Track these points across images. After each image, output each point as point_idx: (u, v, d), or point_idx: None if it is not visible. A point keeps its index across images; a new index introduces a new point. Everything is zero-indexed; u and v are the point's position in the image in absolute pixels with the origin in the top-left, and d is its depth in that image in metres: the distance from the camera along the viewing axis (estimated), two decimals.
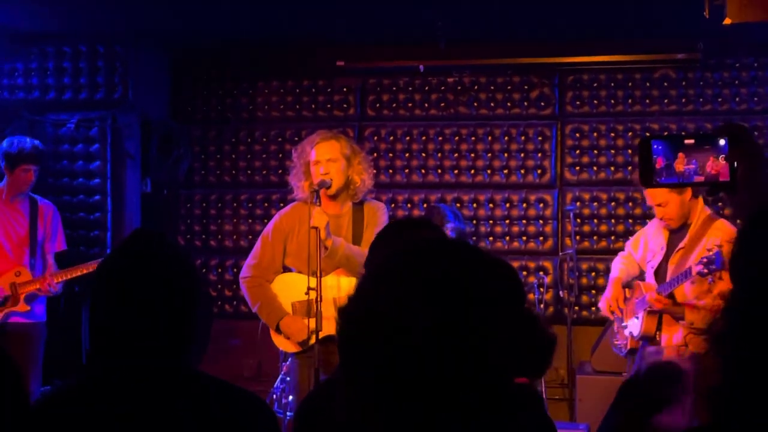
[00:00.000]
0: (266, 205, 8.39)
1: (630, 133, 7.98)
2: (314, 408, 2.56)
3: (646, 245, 5.54)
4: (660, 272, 5.28)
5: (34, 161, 6.61)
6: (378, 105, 8.33)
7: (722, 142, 2.31)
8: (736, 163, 2.30)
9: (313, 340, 5.04)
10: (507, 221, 8.13)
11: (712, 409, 1.71)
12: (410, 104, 8.28)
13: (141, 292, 2.22)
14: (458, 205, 8.10)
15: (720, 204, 7.40)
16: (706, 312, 4.97)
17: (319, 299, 4.94)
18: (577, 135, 8.06)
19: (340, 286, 5.18)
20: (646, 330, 5.26)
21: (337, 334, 1.51)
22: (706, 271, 4.82)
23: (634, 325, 5.38)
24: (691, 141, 2.32)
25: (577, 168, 8.06)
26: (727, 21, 4.62)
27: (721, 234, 5.07)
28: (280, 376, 6.73)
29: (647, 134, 7.67)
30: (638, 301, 5.36)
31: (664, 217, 5.24)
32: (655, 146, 2.34)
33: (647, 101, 7.98)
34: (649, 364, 3.37)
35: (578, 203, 8.00)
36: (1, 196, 6.64)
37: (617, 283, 5.53)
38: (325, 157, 5.21)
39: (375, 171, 5.57)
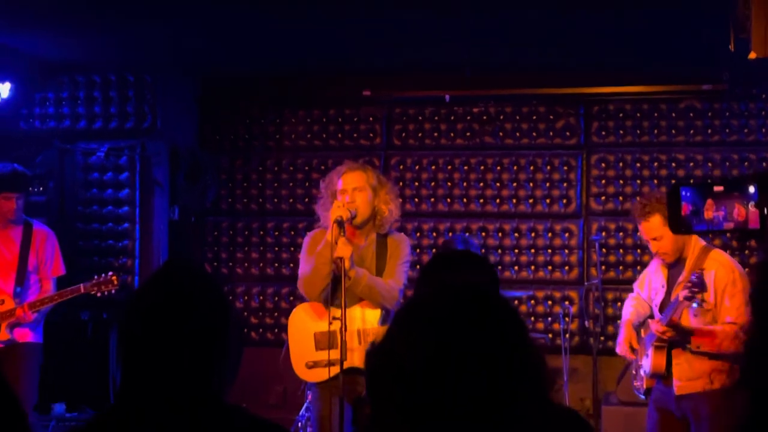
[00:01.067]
0: (292, 233, 8.43)
1: (656, 164, 7.96)
2: None
3: (649, 284, 5.51)
4: (664, 308, 5.24)
5: (13, 188, 6.35)
6: (404, 134, 8.36)
7: (752, 189, 2.29)
8: (766, 210, 2.28)
9: (337, 370, 5.05)
10: (532, 250, 8.11)
11: None
12: (436, 133, 8.30)
13: (172, 323, 2.20)
14: (483, 234, 8.10)
15: (747, 252, 7.40)
16: (714, 336, 4.94)
17: (343, 329, 4.94)
18: (603, 165, 8.05)
19: (365, 318, 5.18)
20: (655, 366, 5.18)
21: (366, 372, 1.60)
22: (689, 294, 4.80)
23: (646, 363, 5.33)
24: (721, 188, 2.31)
25: (603, 198, 8.05)
26: (752, 55, 4.61)
27: (716, 264, 5.05)
28: (306, 405, 6.74)
29: (673, 181, 7.67)
30: (647, 338, 5.32)
31: (659, 251, 5.20)
32: (684, 193, 2.33)
33: (673, 132, 7.96)
34: None
35: (604, 233, 7.98)
36: None
37: (628, 325, 5.48)
38: (351, 186, 5.22)
39: (401, 200, 5.56)
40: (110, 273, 6.41)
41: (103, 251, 7.98)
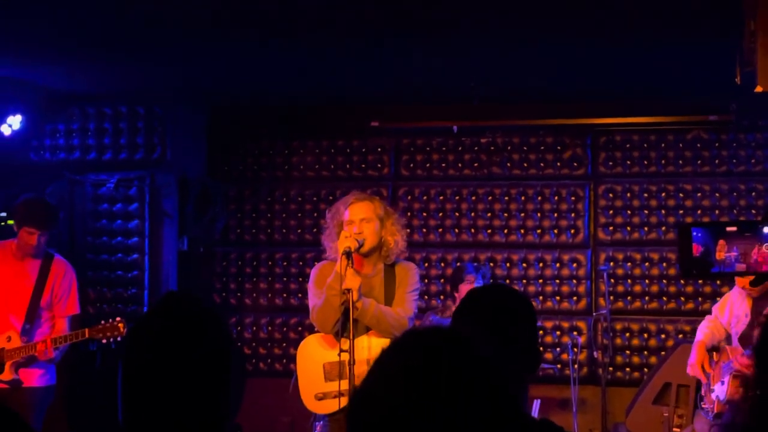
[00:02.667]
0: (301, 263, 8.43)
1: (663, 194, 7.97)
2: None
3: (731, 310, 5.50)
4: (744, 339, 5.24)
5: (38, 226, 6.14)
6: (412, 165, 8.39)
7: (766, 230, 2.27)
8: None
9: (345, 403, 5.04)
10: (540, 281, 8.11)
11: None
12: (444, 164, 8.33)
13: (173, 353, 2.18)
14: (492, 264, 8.10)
15: None
16: None
17: (352, 362, 4.93)
18: (611, 195, 8.06)
19: (371, 346, 5.17)
20: (731, 395, 5.19)
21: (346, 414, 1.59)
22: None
23: (720, 390, 5.32)
24: (734, 228, 2.29)
25: (611, 228, 8.05)
26: (759, 89, 4.61)
27: None
28: None
29: (680, 215, 7.66)
30: (725, 365, 5.31)
31: (746, 286, 5.20)
32: (695, 233, 2.31)
33: (680, 162, 7.98)
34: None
35: (612, 263, 7.98)
36: (11, 251, 6.29)
37: (701, 347, 5.47)
38: (358, 217, 5.22)
39: (408, 230, 5.56)
40: (117, 318, 6.18)
41: (112, 282, 7.99)
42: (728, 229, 2.31)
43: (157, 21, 5.75)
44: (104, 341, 6.21)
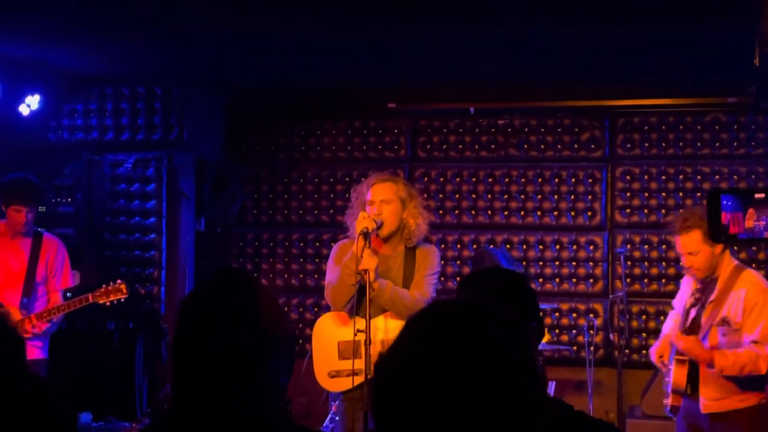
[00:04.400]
0: (317, 244, 8.44)
1: (681, 176, 7.92)
2: None
3: (680, 297, 5.47)
4: (694, 325, 5.18)
5: (24, 202, 6.22)
6: (428, 146, 8.36)
7: None
8: None
9: (359, 380, 5.05)
10: (557, 263, 8.09)
11: None
12: (460, 146, 8.29)
13: (224, 332, 2.14)
14: (508, 246, 8.08)
15: None
16: (736, 358, 4.87)
17: (368, 342, 4.94)
18: (628, 177, 8.02)
19: (388, 327, 5.17)
20: (675, 381, 5.12)
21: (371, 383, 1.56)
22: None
23: (670, 378, 5.27)
24: (762, 195, 2.27)
25: (628, 210, 8.01)
26: None
27: (748, 284, 4.99)
28: (330, 416, 6.73)
29: (697, 197, 7.61)
30: (672, 351, 5.26)
31: (692, 266, 5.11)
32: (724, 201, 2.28)
33: (698, 144, 7.92)
34: None
35: (629, 246, 7.93)
36: (1, 231, 6.38)
37: (665, 339, 5.43)
38: (379, 198, 5.17)
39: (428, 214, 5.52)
40: (119, 281, 6.29)
41: (129, 262, 8.02)
42: (756, 195, 2.27)
43: (175, 2, 5.76)
44: (107, 304, 6.29)
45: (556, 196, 8.10)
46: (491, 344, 1.48)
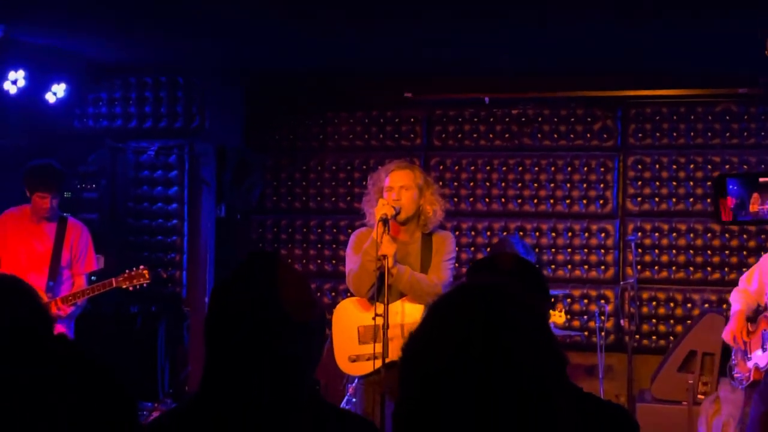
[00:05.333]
0: (335, 230, 8.42)
1: (692, 166, 7.84)
2: None
3: (761, 279, 5.41)
4: None
5: (48, 189, 6.24)
6: (444, 135, 8.32)
7: None
8: None
9: (379, 365, 5.00)
10: (569, 250, 8.04)
11: None
12: (475, 135, 8.25)
13: (258, 317, 2.10)
14: (521, 233, 8.04)
15: None
16: None
17: (386, 326, 4.90)
18: (639, 167, 7.95)
19: (405, 311, 5.13)
20: None
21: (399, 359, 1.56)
22: None
23: (760, 358, 5.24)
24: (766, 179, 2.22)
25: (639, 199, 7.95)
26: None
27: None
28: (346, 398, 6.71)
29: (707, 187, 7.55)
30: (765, 333, 5.23)
31: None
32: (730, 186, 2.24)
33: (709, 134, 7.84)
34: None
35: (640, 233, 7.89)
36: (27, 215, 6.40)
37: (741, 315, 5.40)
38: (398, 185, 5.16)
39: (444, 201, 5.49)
40: (141, 266, 6.32)
41: (152, 246, 8.03)
42: (761, 180, 2.22)
43: None
44: (130, 289, 6.31)
45: (568, 185, 8.06)
46: (509, 326, 1.47)
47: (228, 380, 2.12)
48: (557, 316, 6.22)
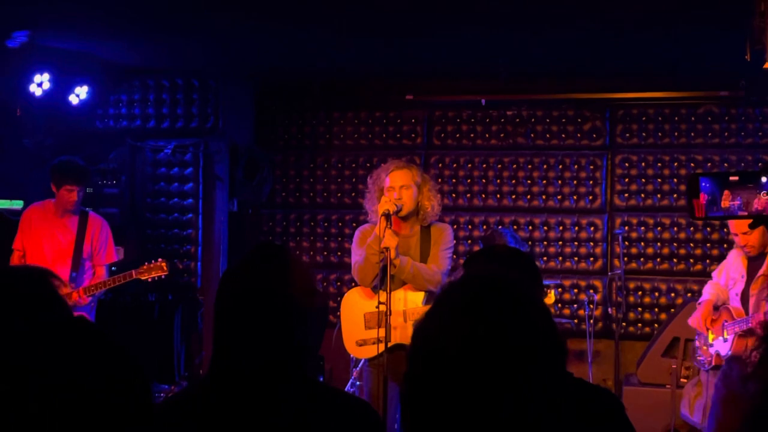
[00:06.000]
0: (340, 224, 8.52)
1: (676, 164, 7.96)
2: None
3: (727, 273, 5.54)
4: (744, 297, 5.29)
5: (77, 182, 6.35)
6: (443, 135, 8.42)
7: (764, 179, 2.32)
8: None
9: (382, 349, 5.13)
10: (560, 243, 8.14)
11: None
12: (472, 135, 8.35)
13: (264, 302, 2.17)
14: (515, 227, 8.15)
15: None
16: None
17: (388, 313, 5.03)
18: (626, 164, 8.06)
19: (407, 299, 5.27)
20: (735, 350, 5.25)
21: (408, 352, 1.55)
22: None
23: (722, 346, 5.37)
24: (736, 178, 2.33)
25: (626, 195, 8.06)
26: (767, 65, 4.61)
27: None
28: (351, 381, 6.81)
29: (697, 170, 7.65)
30: (727, 324, 5.35)
31: (747, 244, 5.23)
32: (703, 183, 2.35)
33: (692, 134, 7.95)
34: None
35: (626, 227, 7.99)
36: (51, 210, 6.51)
37: (708, 305, 5.54)
38: (398, 184, 5.29)
39: (439, 195, 5.60)
40: (159, 259, 6.41)
41: (169, 239, 8.11)
42: (731, 178, 2.35)
43: (212, 3, 5.82)
44: (149, 280, 6.40)
45: (559, 182, 8.14)
46: (512, 316, 1.45)
47: (233, 362, 2.17)
48: (547, 297, 6.34)
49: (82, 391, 1.50)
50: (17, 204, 7.36)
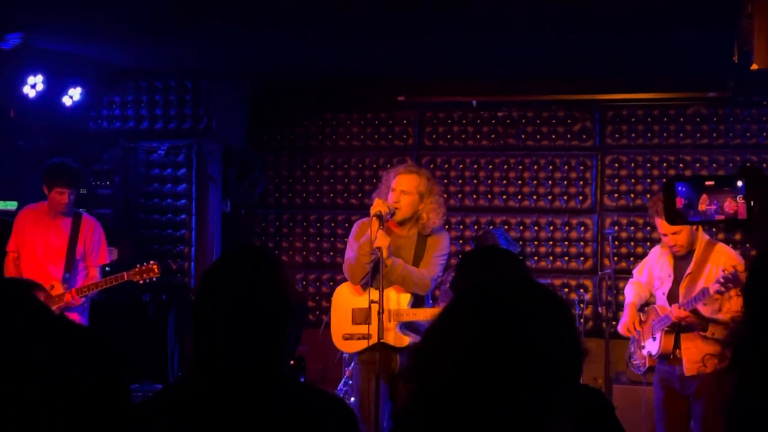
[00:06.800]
0: (333, 224, 8.52)
1: (665, 164, 7.97)
2: None
3: (650, 272, 5.53)
4: (672, 296, 5.28)
5: (67, 184, 6.30)
6: (434, 136, 8.42)
7: (740, 183, 2.31)
8: (753, 203, 2.31)
9: (368, 343, 5.13)
10: (551, 243, 8.15)
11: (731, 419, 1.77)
12: (464, 135, 8.35)
13: (240, 302, 2.19)
14: (506, 227, 8.15)
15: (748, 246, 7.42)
16: (725, 325, 4.97)
17: (380, 311, 5.03)
18: (616, 165, 8.07)
19: (399, 300, 5.26)
20: (664, 348, 5.25)
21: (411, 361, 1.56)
22: (723, 289, 4.85)
23: (652, 345, 5.37)
24: (712, 183, 2.33)
25: (616, 195, 8.07)
26: (754, 66, 4.61)
27: (724, 257, 5.11)
28: (343, 379, 6.82)
29: (671, 175, 7.67)
30: (655, 323, 5.35)
31: (676, 243, 5.21)
32: (679, 188, 2.35)
33: (681, 135, 7.96)
34: None
35: (616, 227, 8.00)
36: (44, 211, 6.46)
37: (633, 308, 5.53)
38: (400, 188, 5.25)
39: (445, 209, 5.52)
40: (151, 261, 6.36)
41: (162, 239, 8.10)
42: (707, 183, 2.34)
43: (203, 6, 5.81)
44: (141, 282, 6.37)
45: (550, 182, 8.15)
46: (506, 316, 1.45)
47: (226, 362, 2.18)
48: None
49: (64, 388, 1.50)
50: (11, 205, 7.33)
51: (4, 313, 1.81)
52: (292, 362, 7.77)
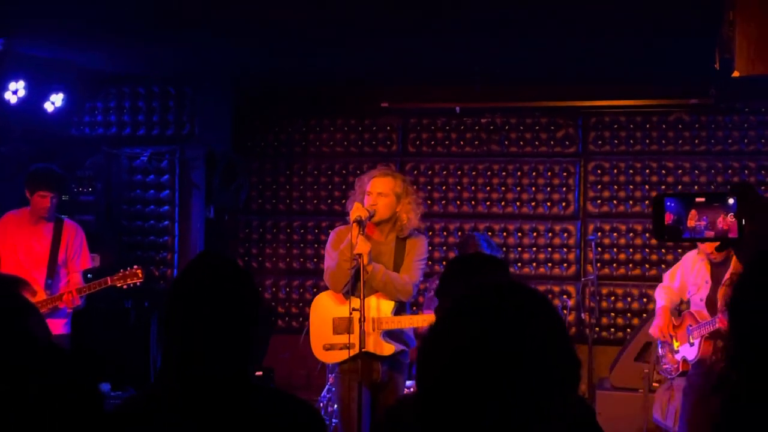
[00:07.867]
0: (317, 231, 8.47)
1: (647, 171, 7.96)
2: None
3: (683, 278, 5.49)
4: (710, 303, 5.24)
5: (49, 188, 6.26)
6: (418, 142, 8.39)
7: (731, 200, 2.25)
8: (744, 221, 2.25)
9: (350, 354, 5.07)
10: (534, 249, 8.13)
11: None
12: (447, 142, 8.33)
13: (210, 308, 2.19)
14: (490, 233, 8.12)
15: None
16: None
17: (362, 318, 4.97)
18: (599, 171, 8.06)
19: (380, 308, 5.21)
20: (703, 354, 5.22)
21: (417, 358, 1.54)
22: None
23: (688, 351, 5.32)
24: (702, 199, 2.28)
25: (599, 201, 8.06)
26: (735, 74, 4.60)
27: None
28: (327, 386, 6.76)
29: (662, 189, 7.65)
30: (692, 328, 5.31)
31: (713, 251, 5.18)
32: (668, 203, 2.29)
33: (663, 142, 7.96)
34: None
35: (599, 233, 7.99)
36: (26, 217, 6.40)
37: (666, 311, 5.48)
38: (377, 190, 5.22)
39: (422, 210, 5.49)
40: (135, 266, 6.31)
41: (145, 246, 8.04)
42: (698, 199, 2.29)
43: (186, 12, 5.77)
44: (124, 287, 6.30)
45: (533, 188, 8.14)
46: (494, 321, 1.44)
47: (207, 368, 2.18)
48: None
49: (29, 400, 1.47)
50: None
51: None
52: (260, 373, 7.73)
